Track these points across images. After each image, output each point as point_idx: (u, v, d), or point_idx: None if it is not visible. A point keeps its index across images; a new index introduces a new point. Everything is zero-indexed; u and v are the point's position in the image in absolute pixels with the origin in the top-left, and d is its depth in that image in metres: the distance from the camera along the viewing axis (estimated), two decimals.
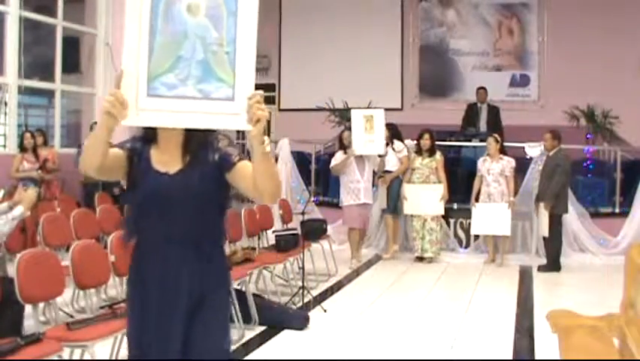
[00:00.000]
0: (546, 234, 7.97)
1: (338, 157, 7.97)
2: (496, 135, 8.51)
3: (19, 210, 4.49)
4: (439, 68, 12.71)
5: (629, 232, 8.66)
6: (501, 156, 8.30)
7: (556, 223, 7.98)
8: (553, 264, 7.97)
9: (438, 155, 8.43)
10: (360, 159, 7.88)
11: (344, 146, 7.91)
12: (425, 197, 8.32)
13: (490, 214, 8.20)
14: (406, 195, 8.42)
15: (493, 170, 8.24)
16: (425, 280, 7.34)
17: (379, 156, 8.15)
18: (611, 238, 8.76)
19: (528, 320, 5.76)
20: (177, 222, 2.30)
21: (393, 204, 8.44)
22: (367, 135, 7.72)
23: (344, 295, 6.64)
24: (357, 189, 7.80)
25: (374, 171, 8.13)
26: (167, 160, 2.32)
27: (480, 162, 8.37)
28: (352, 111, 8.01)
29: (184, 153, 2.32)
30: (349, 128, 8.05)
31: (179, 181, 2.30)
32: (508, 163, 8.25)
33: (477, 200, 8.30)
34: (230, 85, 2.11)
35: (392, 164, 8.41)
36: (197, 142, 2.31)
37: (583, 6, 11.62)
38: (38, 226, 5.73)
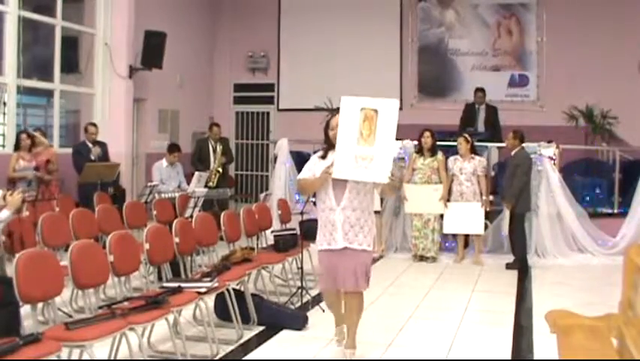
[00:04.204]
0: (505, 232, 8.17)
1: (311, 166, 4.58)
2: (467, 135, 8.56)
3: (4, 214, 4.47)
4: (438, 68, 12.71)
5: (627, 232, 8.67)
6: (472, 155, 8.35)
7: (519, 222, 8.10)
8: (520, 262, 8.04)
9: (439, 155, 8.45)
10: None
11: (331, 144, 4.51)
12: (426, 196, 8.34)
13: (463, 213, 8.25)
14: (406, 195, 8.45)
15: (465, 169, 8.30)
16: (424, 280, 7.35)
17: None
18: (610, 238, 8.77)
19: (527, 319, 5.77)
20: None
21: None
22: (362, 148, 4.29)
23: None
24: (330, 223, 4.39)
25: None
26: None
27: (451, 162, 8.42)
28: (342, 100, 4.44)
29: None
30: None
31: None
32: (480, 163, 8.33)
33: (449, 199, 8.35)
34: None
35: None
36: None
37: (582, 6, 11.64)
38: (37, 226, 5.73)
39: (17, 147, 8.14)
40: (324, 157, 4.55)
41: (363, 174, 4.30)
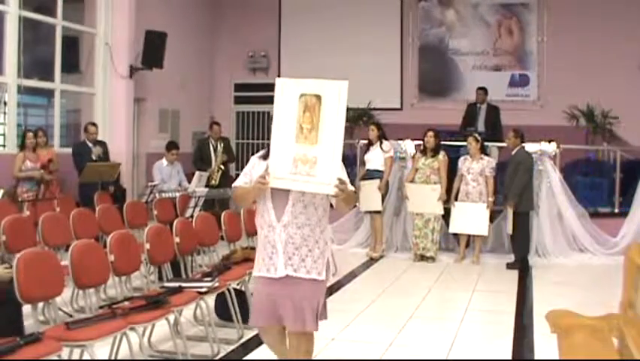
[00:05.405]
0: (510, 231, 8.11)
1: (249, 170, 3.59)
2: (476, 135, 8.56)
3: None
4: (438, 68, 12.70)
5: (628, 232, 8.68)
6: (481, 156, 8.36)
7: (522, 221, 8.10)
8: (521, 262, 8.04)
9: (441, 155, 8.45)
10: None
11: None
12: (426, 196, 8.34)
13: (468, 214, 8.25)
14: (408, 194, 8.46)
15: (473, 169, 8.30)
16: (425, 280, 7.35)
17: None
18: (611, 237, 8.77)
19: (528, 319, 5.77)
20: None
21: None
22: (302, 148, 3.32)
23: (343, 295, 6.64)
24: (270, 243, 3.43)
25: (331, 204, 3.58)
26: None
27: (461, 161, 8.44)
28: (277, 83, 3.54)
29: None
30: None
31: None
32: (488, 163, 8.33)
33: (456, 199, 8.36)
34: None
35: (379, 163, 8.41)
36: None
37: (583, 6, 11.63)
38: (37, 226, 5.74)
39: (22, 146, 8.12)
40: (265, 157, 3.50)
41: (304, 183, 3.30)
